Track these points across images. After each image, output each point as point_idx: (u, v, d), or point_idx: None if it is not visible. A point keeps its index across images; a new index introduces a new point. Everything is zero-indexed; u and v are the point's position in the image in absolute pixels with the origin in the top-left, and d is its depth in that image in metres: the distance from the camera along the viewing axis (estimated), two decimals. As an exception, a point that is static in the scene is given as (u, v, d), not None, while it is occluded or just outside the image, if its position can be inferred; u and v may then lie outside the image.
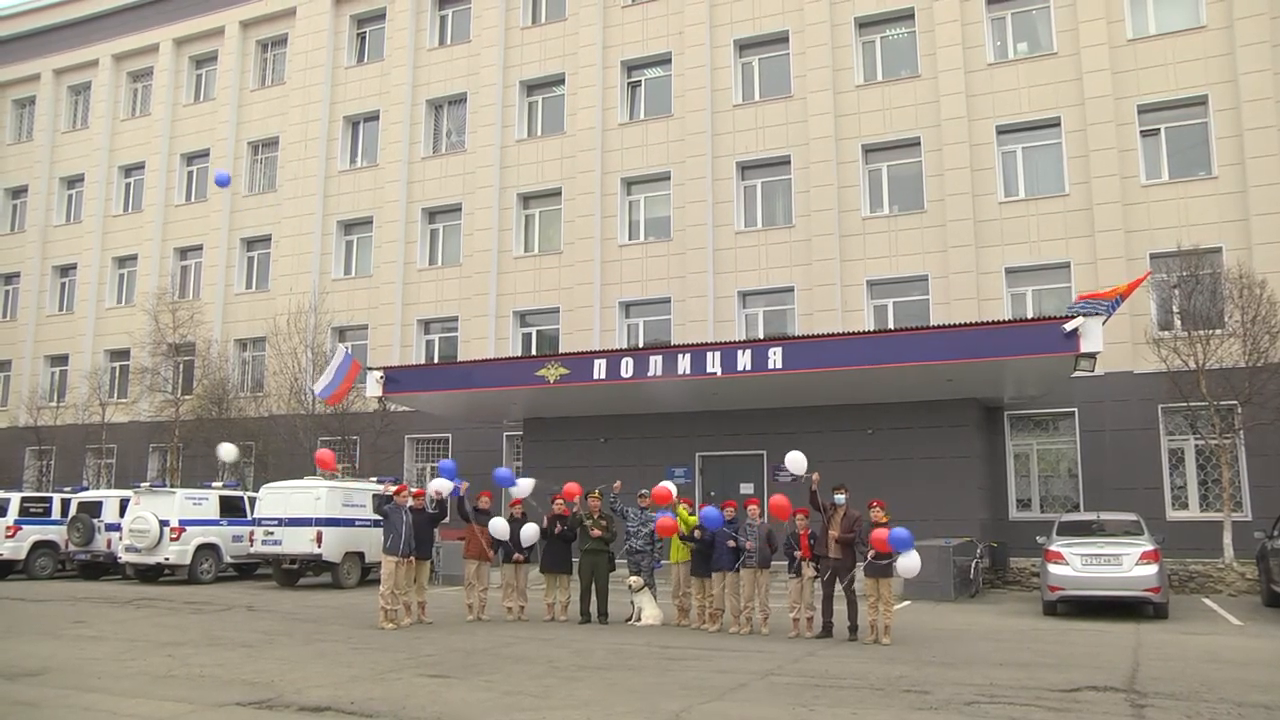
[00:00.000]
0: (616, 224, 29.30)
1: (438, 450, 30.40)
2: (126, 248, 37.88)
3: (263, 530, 22.26)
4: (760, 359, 20.29)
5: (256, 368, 34.19)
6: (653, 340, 27.93)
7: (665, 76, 29.77)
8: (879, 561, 13.12)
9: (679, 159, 28.65)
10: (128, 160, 38.96)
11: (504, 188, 30.92)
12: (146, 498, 23.70)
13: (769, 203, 28.06)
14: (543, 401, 24.25)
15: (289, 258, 33.97)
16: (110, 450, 35.41)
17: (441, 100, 32.95)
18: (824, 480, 14.22)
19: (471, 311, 30.50)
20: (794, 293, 26.90)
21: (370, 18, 34.95)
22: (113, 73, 39.84)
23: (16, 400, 38.19)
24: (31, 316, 39.45)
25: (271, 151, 36.00)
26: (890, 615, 13.14)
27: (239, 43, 37.06)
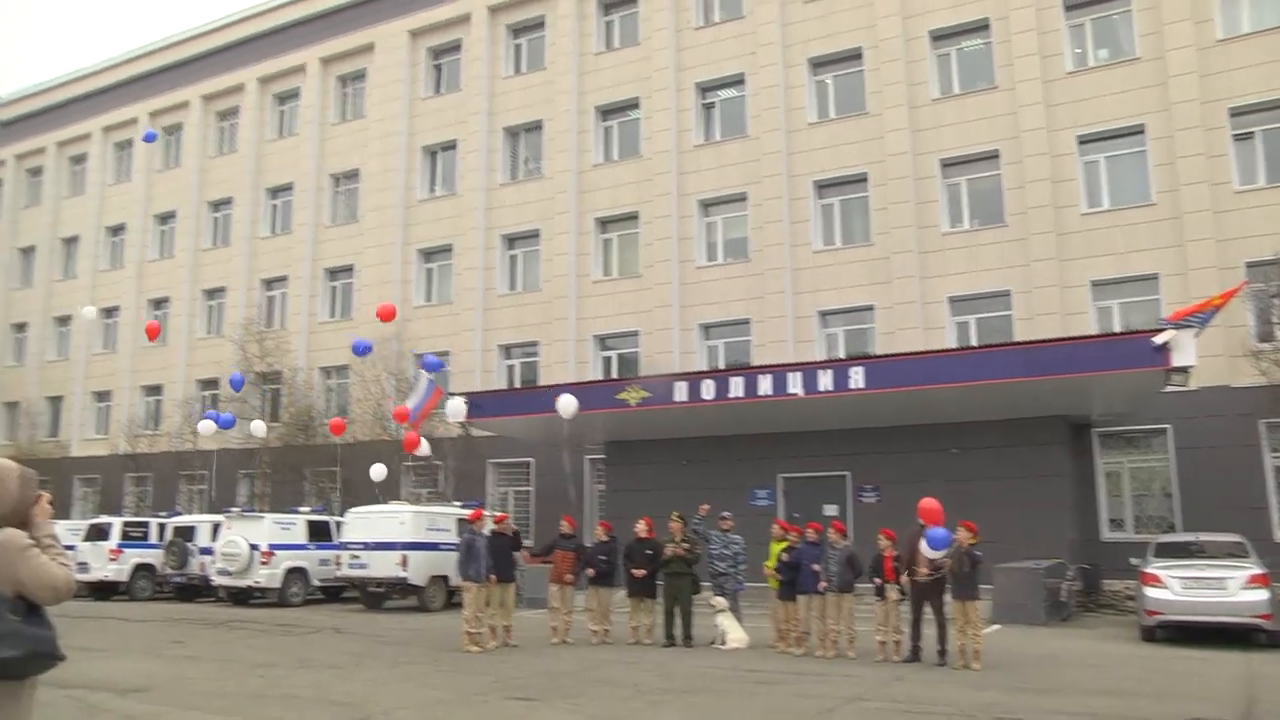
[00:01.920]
0: (694, 246, 29.28)
1: (520, 474, 30.57)
2: (215, 280, 38.86)
3: (349, 554, 22.58)
4: (842, 379, 20.13)
5: (341, 395, 34.74)
6: (733, 362, 27.80)
7: (739, 97, 29.75)
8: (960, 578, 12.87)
9: (755, 179, 28.58)
10: (216, 196, 40.08)
11: (582, 212, 31.11)
12: (237, 523, 24.21)
13: (847, 221, 27.84)
14: (624, 425, 24.27)
15: (371, 286, 34.53)
16: (202, 476, 36.29)
17: (518, 128, 33.30)
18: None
19: (551, 336, 30.69)
20: (874, 311, 26.61)
21: (446, 49, 35.52)
22: (202, 113, 41.06)
23: (117, 429, 39.40)
24: (128, 349, 40.66)
25: (353, 183, 36.69)
26: (979, 639, 12.85)
27: (320, 79, 37.91)
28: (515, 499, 30.41)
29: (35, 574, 3.42)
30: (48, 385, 43.44)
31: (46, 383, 43.49)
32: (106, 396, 41.50)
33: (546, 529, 24.56)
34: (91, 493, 40.28)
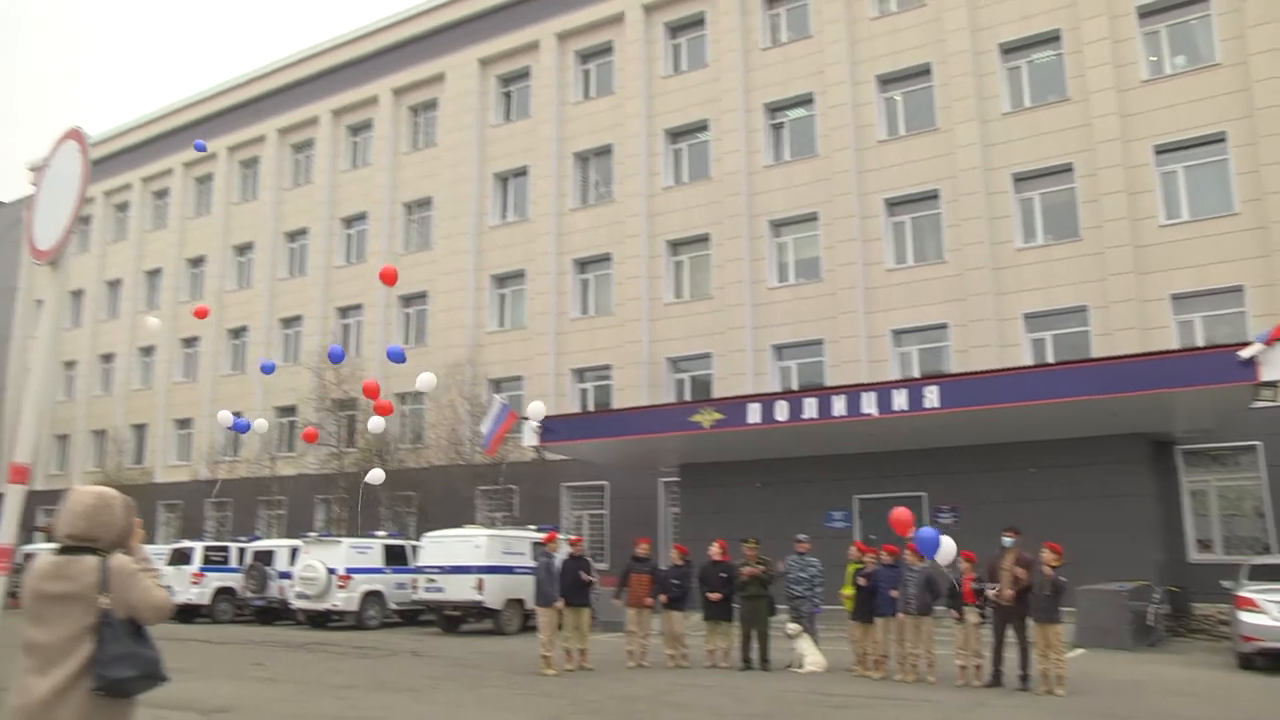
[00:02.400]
0: (766, 267, 29.16)
1: (594, 498, 30.60)
2: (292, 309, 39.56)
3: (425, 578, 22.73)
4: (916, 398, 19.86)
5: (416, 420, 35.07)
6: (806, 383, 27.56)
7: (808, 116, 29.64)
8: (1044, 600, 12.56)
9: (826, 198, 28.42)
10: (292, 226, 40.88)
11: (653, 235, 31.16)
12: (315, 547, 24.52)
13: (919, 238, 27.55)
14: (698, 447, 24.19)
15: (445, 313, 34.90)
16: (280, 501, 36.87)
17: (588, 152, 33.51)
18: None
19: (624, 359, 30.73)
20: (948, 329, 26.26)
21: (515, 77, 35.91)
22: (278, 146, 41.98)
23: (198, 455, 40.20)
24: (209, 376, 41.58)
25: (425, 211, 37.17)
26: (1063, 664, 12.54)
27: (392, 109, 38.54)
28: (590, 522, 30.43)
29: (143, 596, 3.57)
30: (132, 414, 44.54)
31: (131, 411, 44.60)
32: (188, 424, 42.41)
33: (621, 552, 24.54)
34: (174, 518, 41.14)
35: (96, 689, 3.43)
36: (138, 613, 3.56)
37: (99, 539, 3.59)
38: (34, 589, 3.53)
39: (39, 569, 3.55)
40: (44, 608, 3.50)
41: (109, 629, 3.47)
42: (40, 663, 3.46)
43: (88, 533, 3.58)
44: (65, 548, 3.57)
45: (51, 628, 3.47)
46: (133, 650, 3.47)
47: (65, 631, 3.46)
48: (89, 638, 3.46)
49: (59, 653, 3.45)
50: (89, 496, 3.65)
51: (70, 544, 3.57)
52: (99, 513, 3.61)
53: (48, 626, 3.47)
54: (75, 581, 3.49)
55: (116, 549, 3.61)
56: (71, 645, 3.45)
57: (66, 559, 3.54)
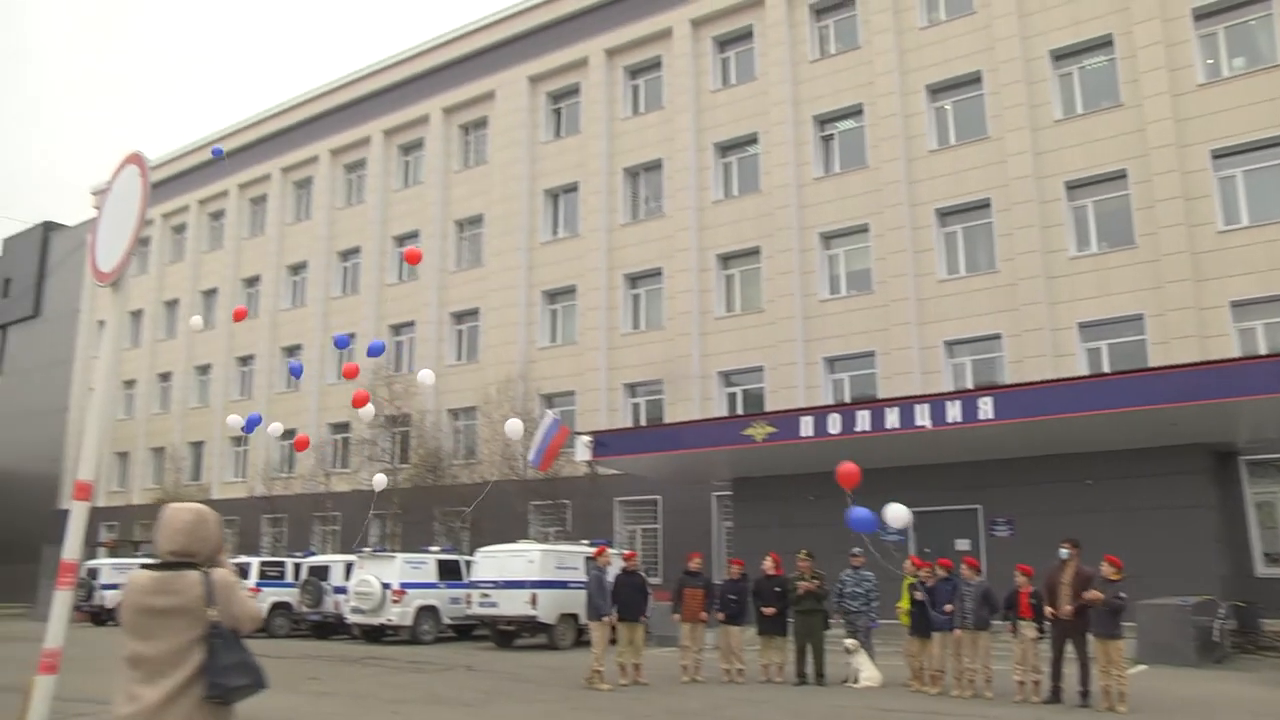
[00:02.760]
0: (817, 279, 29.03)
1: (647, 512, 30.55)
2: (345, 327, 39.87)
3: (479, 593, 22.79)
4: (970, 410, 19.62)
5: (469, 436, 35.25)
6: (859, 395, 27.36)
7: (858, 128, 29.51)
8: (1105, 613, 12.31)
9: (876, 210, 28.25)
10: (345, 246, 41.36)
11: (703, 249, 31.13)
12: (369, 562, 24.67)
13: (971, 248, 27.28)
14: (750, 461, 24.08)
15: (496, 329, 35.10)
16: (335, 517, 37.21)
17: (638, 168, 33.58)
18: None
19: (675, 373, 30.67)
20: (1001, 340, 25.94)
21: (565, 93, 36.10)
22: (330, 166, 42.54)
23: (254, 472, 40.69)
24: (263, 394, 42.10)
25: (477, 228, 37.42)
26: (1124, 680, 12.25)
27: (442, 128, 38.90)
28: (643, 537, 30.38)
29: (243, 608, 3.73)
30: (190, 431, 45.22)
31: (189, 429, 45.28)
32: (243, 441, 42.89)
33: (674, 567, 24.44)
34: (230, 534, 41.60)
35: (210, 697, 3.55)
36: (238, 623, 3.69)
37: (198, 554, 3.71)
38: (137, 604, 3.63)
39: (140, 584, 3.65)
40: (148, 621, 3.60)
41: (220, 640, 3.59)
42: (147, 673, 3.56)
43: (187, 548, 3.70)
44: (166, 563, 3.68)
45: (157, 641, 3.57)
46: (243, 659, 3.60)
47: (172, 644, 3.57)
48: (197, 649, 3.57)
49: (167, 664, 3.55)
50: (187, 513, 3.76)
51: (171, 559, 3.68)
52: (197, 528, 3.73)
53: (153, 640, 3.58)
54: (180, 596, 3.60)
55: (212, 562, 3.73)
56: (179, 657, 3.56)
57: (169, 574, 3.64)
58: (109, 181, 5.55)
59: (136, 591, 3.64)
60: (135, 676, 3.58)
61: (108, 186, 5.55)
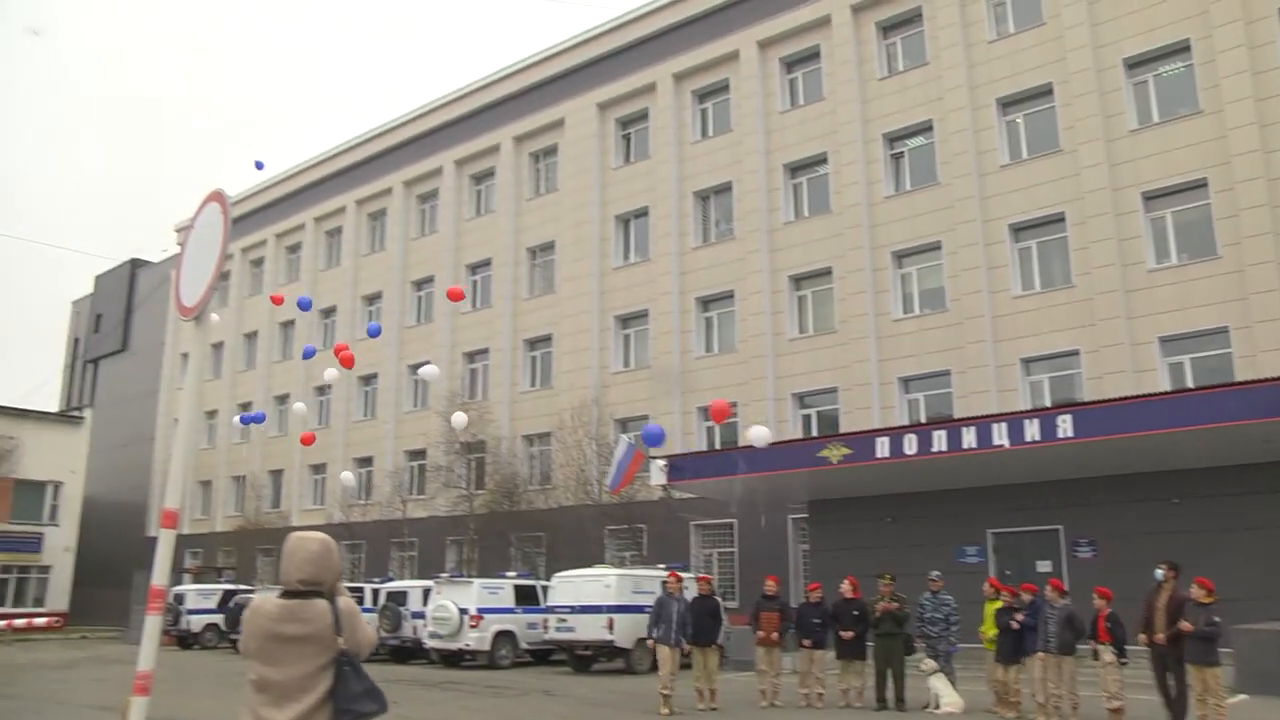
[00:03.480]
0: (890, 298, 28.75)
1: (723, 536, 30.40)
2: (420, 356, 40.36)
3: (556, 618, 22.81)
4: (1049, 428, 19.18)
5: (544, 461, 35.40)
6: (934, 415, 26.99)
7: (928, 144, 29.24)
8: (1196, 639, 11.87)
9: (948, 227, 27.94)
10: (418, 275, 41.95)
11: (774, 271, 31.02)
12: (447, 587, 24.82)
13: (1045, 263, 26.80)
14: (826, 483, 23.87)
15: (570, 354, 35.26)
16: (412, 543, 37.60)
17: (708, 191, 33.59)
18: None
19: (749, 396, 30.55)
20: (1079, 356, 25.42)
21: (634, 119, 36.29)
22: (403, 197, 43.23)
23: (332, 499, 41.28)
24: (341, 423, 42.77)
25: (549, 255, 37.69)
26: (1223, 711, 11.75)
27: (513, 157, 39.31)
28: (719, 560, 30.23)
29: (365, 634, 3.86)
30: (269, 460, 46.06)
31: (268, 458, 46.12)
32: (322, 469, 43.65)
33: (751, 590, 24.29)
34: (310, 561, 42.15)
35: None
36: (360, 649, 3.80)
37: (324, 582, 3.80)
38: (266, 630, 3.72)
39: (268, 611, 3.74)
40: (277, 648, 3.70)
41: (349, 667, 3.71)
42: (276, 698, 3.67)
43: (315, 577, 3.79)
44: (294, 591, 3.76)
45: (285, 667, 3.67)
46: (370, 686, 3.71)
47: (300, 670, 3.67)
48: (325, 675, 3.68)
49: (296, 688, 3.66)
50: (314, 544, 3.85)
51: (299, 588, 3.77)
52: (324, 558, 3.82)
53: (282, 665, 3.68)
54: (310, 624, 3.70)
55: (334, 590, 3.84)
56: (308, 682, 3.67)
57: (298, 602, 3.74)
58: (192, 219, 5.71)
59: (264, 618, 3.73)
60: (263, 700, 3.67)
61: (190, 224, 5.70)
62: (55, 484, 46.90)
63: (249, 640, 3.75)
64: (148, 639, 4.77)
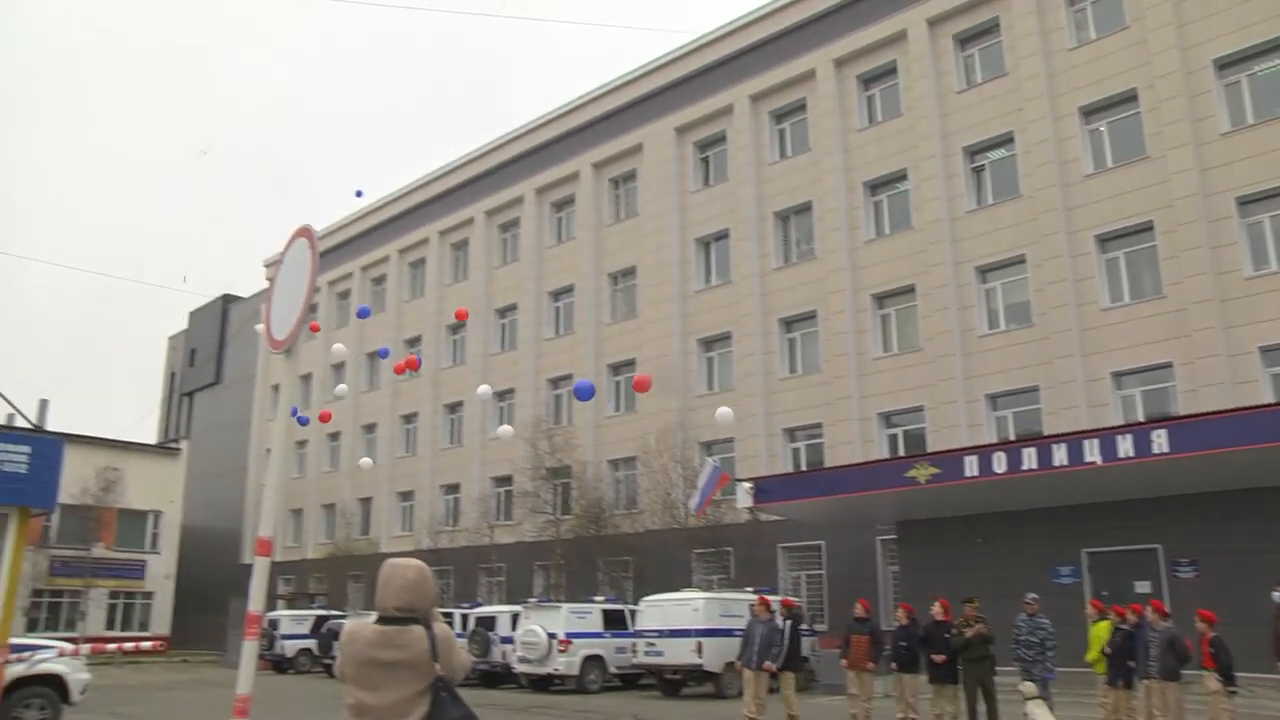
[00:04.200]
0: (974, 314, 28.30)
1: (811, 558, 30.13)
2: (505, 382, 40.75)
3: (645, 642, 22.79)
4: (1143, 444, 18.67)
5: (629, 486, 35.43)
6: (1024, 432, 26.41)
7: (1009, 156, 28.75)
8: None
9: (1032, 240, 27.41)
10: (502, 303, 42.41)
11: (857, 289, 30.74)
12: (535, 612, 24.96)
13: (1135, 274, 26.09)
14: (914, 503, 23.53)
15: (653, 379, 35.21)
16: (500, 568, 37.86)
17: (787, 211, 33.45)
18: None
19: (835, 416, 30.28)
20: (1173, 369, 24.65)
21: (711, 141, 36.33)
22: (485, 227, 43.80)
23: (420, 526, 41.79)
24: (428, 450, 43.35)
25: (630, 280, 37.82)
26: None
27: (592, 183, 39.59)
28: (807, 582, 29.95)
29: (460, 660, 3.89)
30: (358, 488, 46.75)
31: (357, 485, 46.82)
32: (409, 496, 44.25)
33: (840, 613, 24.02)
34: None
35: None
36: (455, 675, 3.84)
37: (419, 608, 3.84)
38: (364, 656, 3.77)
39: (366, 637, 3.79)
40: (374, 673, 3.74)
41: (446, 693, 3.74)
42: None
43: (411, 604, 3.83)
44: (390, 618, 3.81)
45: (382, 692, 3.71)
46: (467, 712, 3.74)
47: (397, 695, 3.71)
48: (422, 700, 3.71)
49: (392, 713, 3.70)
50: (410, 571, 3.89)
51: (395, 615, 3.81)
52: (420, 585, 3.87)
53: (379, 691, 3.72)
54: (407, 650, 3.73)
55: (429, 616, 3.87)
56: (405, 707, 3.70)
57: (395, 629, 3.78)
58: (281, 254, 5.85)
59: (361, 644, 3.77)
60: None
61: (280, 259, 5.84)
62: (155, 513, 48.48)
63: (346, 665, 3.80)
64: (245, 663, 4.88)
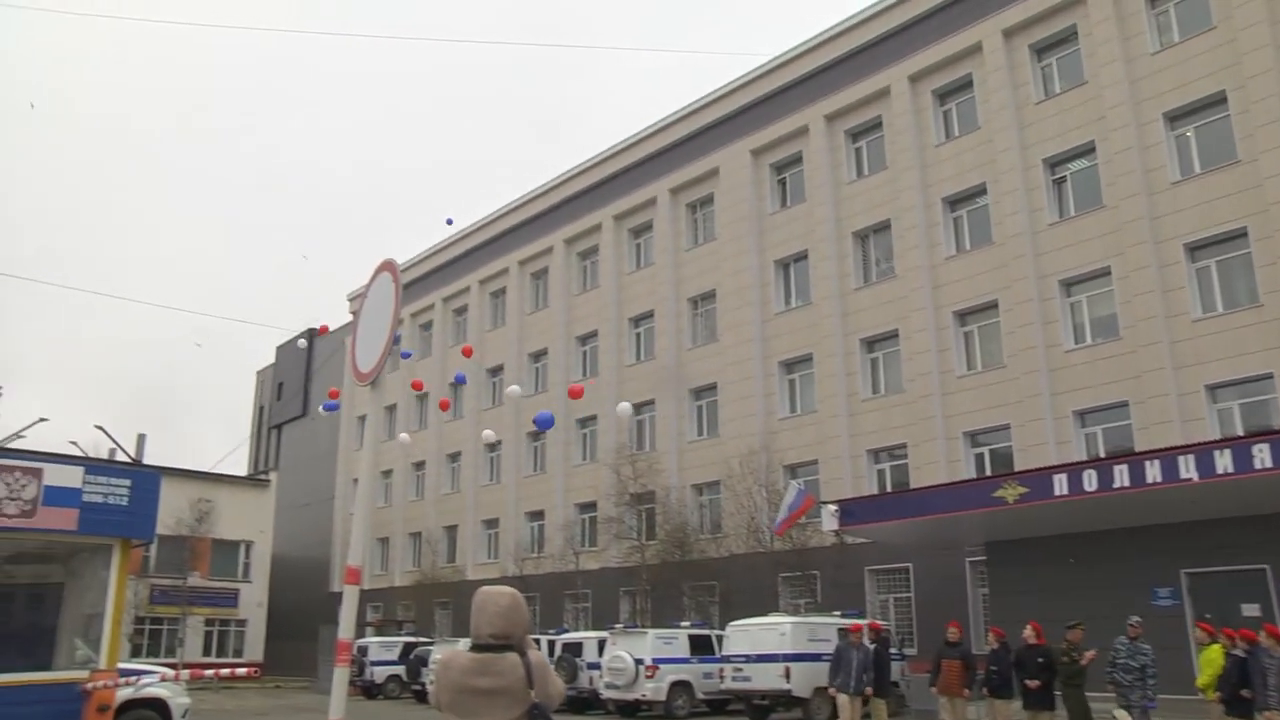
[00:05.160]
0: (1060, 329, 27.74)
1: (899, 581, 29.72)
2: (587, 409, 40.95)
3: (732, 667, 22.63)
4: (1243, 459, 18.01)
5: (714, 510, 35.29)
6: (1114, 448, 25.78)
7: (1091, 166, 28.15)
8: None
9: (1117, 251, 26.79)
10: (582, 330, 42.69)
11: (938, 307, 30.37)
12: (621, 638, 24.95)
13: (1227, 282, 25.31)
14: (1003, 523, 23.06)
15: (735, 402, 35.18)
16: (585, 595, 37.94)
17: (866, 230, 33.20)
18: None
19: (919, 436, 29.90)
20: (1273, 380, 23.90)
21: (788, 163, 36.24)
22: (565, 255, 44.19)
23: (505, 553, 42.11)
24: (512, 479, 43.69)
25: (710, 304, 37.80)
26: None
27: (670, 208, 39.73)
28: (895, 606, 29.54)
29: (556, 687, 3.93)
30: (444, 516, 47.36)
31: (443, 514, 47.44)
32: (494, 523, 44.62)
33: (929, 636, 23.64)
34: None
35: None
36: (551, 702, 3.87)
37: (513, 635, 3.89)
38: (459, 684, 3.84)
39: (462, 665, 3.85)
40: (471, 701, 3.81)
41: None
42: None
43: (505, 631, 3.88)
44: (485, 645, 3.87)
45: (479, 719, 3.78)
46: None
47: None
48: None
49: None
50: (504, 598, 3.94)
51: (490, 642, 3.87)
52: (514, 612, 3.92)
53: (476, 718, 3.79)
54: (503, 677, 3.80)
55: (523, 643, 3.93)
56: None
57: (490, 656, 3.84)
58: (364, 288, 5.98)
59: (457, 671, 3.84)
60: None
61: (363, 293, 5.97)
62: (247, 543, 49.69)
63: (441, 693, 3.85)
64: (337, 689, 4.97)
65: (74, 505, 10.32)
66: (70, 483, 10.37)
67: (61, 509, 10.24)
